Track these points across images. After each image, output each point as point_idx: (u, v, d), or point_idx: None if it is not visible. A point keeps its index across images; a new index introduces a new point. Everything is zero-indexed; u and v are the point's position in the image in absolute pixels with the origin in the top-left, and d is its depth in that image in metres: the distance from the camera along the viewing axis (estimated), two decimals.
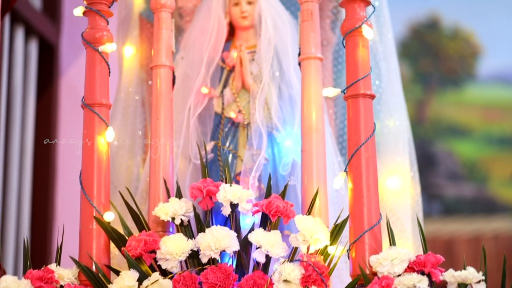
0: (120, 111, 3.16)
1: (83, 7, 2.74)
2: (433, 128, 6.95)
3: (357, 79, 2.60)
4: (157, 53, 2.81)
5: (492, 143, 6.92)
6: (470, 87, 7.03)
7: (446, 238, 6.58)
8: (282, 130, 2.85)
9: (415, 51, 7.09)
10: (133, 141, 3.17)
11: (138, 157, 3.17)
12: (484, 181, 6.85)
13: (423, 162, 6.80)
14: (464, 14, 6.91)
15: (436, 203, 6.81)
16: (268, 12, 2.91)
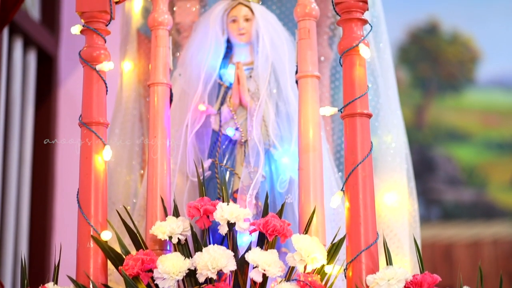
0: (118, 126, 3.17)
1: (80, 26, 2.75)
2: (432, 133, 6.96)
3: (354, 98, 2.60)
4: (154, 71, 2.81)
5: (491, 148, 6.92)
6: (469, 92, 7.03)
7: (445, 242, 6.59)
8: (279, 147, 2.85)
9: (414, 56, 7.08)
10: (131, 156, 3.17)
11: (136, 172, 3.17)
12: (483, 186, 6.86)
13: (422, 167, 6.81)
14: (463, 19, 6.90)
15: (435, 207, 6.81)
16: (266, 29, 2.91)
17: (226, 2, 2.96)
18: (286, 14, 3.21)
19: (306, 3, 2.75)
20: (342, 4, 2.64)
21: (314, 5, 2.75)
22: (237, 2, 2.95)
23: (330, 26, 3.18)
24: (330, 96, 3.16)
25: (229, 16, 2.94)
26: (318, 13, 2.75)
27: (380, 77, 3.11)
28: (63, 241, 2.76)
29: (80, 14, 2.74)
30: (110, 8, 2.74)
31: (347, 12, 2.65)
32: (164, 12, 2.84)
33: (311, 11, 2.75)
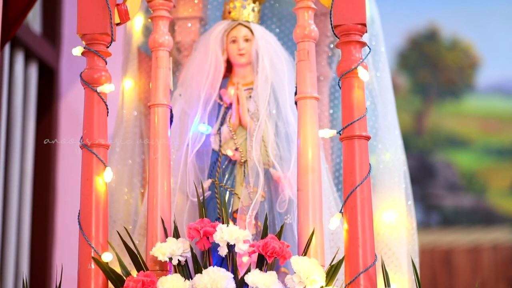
0: (119, 145, 3.19)
1: (81, 47, 2.77)
2: (431, 139, 6.97)
3: (352, 121, 2.63)
4: (154, 92, 2.84)
5: (491, 154, 6.93)
6: (469, 98, 7.04)
7: (444, 248, 6.61)
8: (278, 167, 2.87)
9: (414, 62, 7.09)
10: (131, 174, 3.19)
11: (136, 190, 3.19)
12: (483, 192, 6.87)
13: (422, 173, 6.83)
14: (462, 25, 6.91)
15: (435, 213, 6.83)
16: (265, 50, 2.94)
17: (226, 22, 2.99)
18: (286, 34, 3.24)
19: (305, 25, 2.77)
20: (341, 27, 2.67)
21: (313, 26, 2.77)
22: (237, 22, 2.97)
23: (329, 45, 3.20)
24: (329, 115, 3.18)
25: (229, 36, 2.97)
26: (317, 34, 2.78)
27: (379, 97, 3.13)
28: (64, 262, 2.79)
29: (81, 36, 2.76)
30: (111, 30, 2.77)
31: (345, 34, 2.68)
32: (165, 33, 2.86)
33: (310, 32, 2.76)
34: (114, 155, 3.16)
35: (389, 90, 3.17)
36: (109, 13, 2.75)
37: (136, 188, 3.19)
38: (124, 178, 3.17)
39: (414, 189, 3.27)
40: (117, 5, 2.80)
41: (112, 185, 3.09)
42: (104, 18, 2.75)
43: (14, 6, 3.28)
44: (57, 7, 4.29)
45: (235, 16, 2.99)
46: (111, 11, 2.76)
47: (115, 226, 3.10)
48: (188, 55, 3.14)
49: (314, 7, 2.80)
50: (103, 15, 2.75)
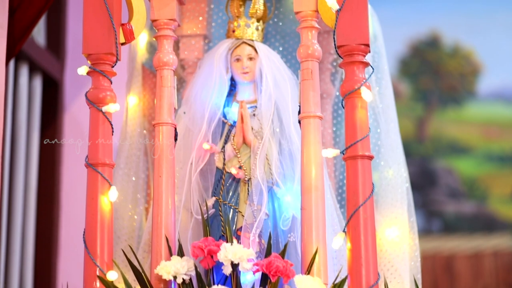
0: (124, 161, 3.21)
1: (87, 67, 2.80)
2: (433, 145, 6.99)
3: (355, 141, 2.66)
4: (159, 111, 2.86)
5: (492, 161, 6.95)
6: (470, 105, 7.06)
7: (446, 254, 6.63)
8: (282, 185, 2.90)
9: (415, 69, 7.11)
10: (136, 190, 3.22)
11: (140, 206, 3.21)
12: (484, 198, 6.89)
13: (423, 179, 6.84)
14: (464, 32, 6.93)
15: (436, 220, 6.85)
16: (269, 68, 2.96)
17: (230, 41, 3.01)
18: (289, 51, 3.26)
19: (309, 44, 2.79)
20: (344, 47, 2.70)
21: (317, 46, 2.79)
22: (241, 41, 3.00)
23: (332, 62, 3.22)
24: (332, 132, 3.21)
25: (233, 55, 2.99)
26: (320, 54, 2.80)
27: (381, 114, 3.15)
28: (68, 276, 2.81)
29: (86, 56, 2.79)
30: (116, 50, 2.79)
31: (349, 55, 2.70)
32: (169, 52, 2.88)
33: (314, 52, 2.78)
34: (118, 171, 3.18)
35: (392, 108, 3.18)
36: (114, 33, 2.78)
37: (141, 204, 3.21)
38: (128, 194, 3.19)
39: (415, 196, 3.29)
40: (122, 24, 2.83)
41: (116, 201, 3.10)
42: (109, 38, 2.78)
43: (19, 22, 3.31)
44: (61, 20, 4.31)
45: (239, 34, 3.01)
46: (116, 31, 2.79)
47: (120, 242, 3.12)
48: (192, 72, 3.16)
49: (317, 26, 2.82)
50: (108, 35, 2.78)
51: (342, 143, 3.18)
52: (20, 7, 3.31)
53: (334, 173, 3.20)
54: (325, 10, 2.76)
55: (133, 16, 2.86)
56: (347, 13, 2.70)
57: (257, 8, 3.02)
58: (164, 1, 2.90)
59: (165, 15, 2.89)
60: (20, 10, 3.31)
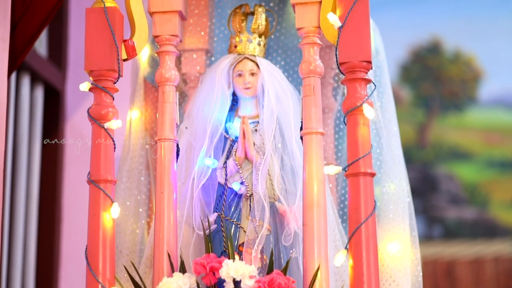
0: (126, 175, 3.21)
1: (89, 83, 2.80)
2: (434, 151, 7.00)
3: (357, 158, 2.66)
4: (161, 126, 2.86)
5: (493, 167, 6.96)
6: (471, 111, 7.06)
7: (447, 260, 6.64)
8: (284, 201, 2.90)
9: (416, 75, 7.12)
10: (137, 204, 3.22)
11: (142, 220, 3.22)
12: (485, 204, 6.90)
13: (424, 185, 6.85)
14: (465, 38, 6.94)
15: (437, 225, 6.86)
16: (271, 84, 2.96)
17: (232, 56, 3.01)
18: (291, 66, 3.26)
19: (311, 61, 2.79)
20: (347, 64, 2.70)
21: (319, 62, 2.79)
22: (243, 56, 2.99)
23: (334, 77, 3.22)
24: (334, 146, 3.20)
25: (235, 70, 2.99)
26: (322, 70, 2.80)
27: (383, 129, 3.15)
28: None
29: (88, 72, 2.79)
30: (118, 66, 2.79)
31: (351, 72, 2.70)
32: (171, 68, 2.89)
33: (316, 68, 2.79)
34: (120, 186, 3.19)
35: (393, 122, 3.18)
36: (116, 49, 2.78)
37: (142, 218, 3.22)
38: (130, 208, 3.19)
39: (416, 202, 3.30)
40: (124, 41, 2.83)
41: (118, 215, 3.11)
42: (111, 55, 2.79)
43: (21, 34, 3.31)
44: (63, 30, 4.31)
45: (241, 50, 3.01)
46: (118, 48, 2.79)
47: (122, 256, 3.12)
48: (194, 87, 3.16)
49: (319, 42, 2.82)
50: (110, 52, 2.79)
51: (344, 158, 3.19)
52: (21, 20, 3.31)
53: (336, 188, 3.20)
54: (327, 27, 2.76)
55: (135, 32, 2.87)
56: (349, 30, 2.70)
57: (259, 23, 3.01)
58: (166, 17, 2.90)
59: (167, 31, 2.89)
60: (22, 23, 3.31)
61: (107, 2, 2.82)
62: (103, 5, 2.80)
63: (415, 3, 6.84)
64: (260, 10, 3.03)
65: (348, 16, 2.71)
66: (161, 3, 2.90)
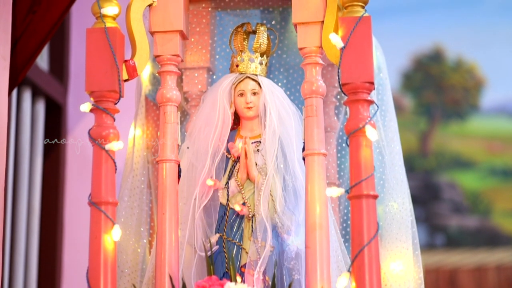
0: (127, 193, 3.20)
1: (90, 104, 2.79)
2: (436, 160, 6.98)
3: (360, 180, 2.64)
4: (162, 147, 2.85)
5: (495, 175, 6.94)
6: (474, 119, 7.04)
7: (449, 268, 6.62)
8: (286, 222, 2.88)
9: (418, 83, 7.10)
10: (139, 223, 3.20)
11: (144, 239, 3.20)
12: (487, 212, 6.88)
13: (426, 194, 6.83)
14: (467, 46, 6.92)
15: (440, 234, 6.84)
16: (273, 103, 2.94)
17: (233, 75, 2.99)
18: (293, 84, 3.24)
19: (313, 81, 2.78)
20: (349, 85, 2.68)
21: (321, 82, 2.78)
22: (245, 75, 2.97)
23: (336, 95, 3.20)
24: (336, 165, 3.18)
25: (236, 89, 2.97)
26: (324, 90, 2.78)
27: (386, 147, 3.13)
28: None
29: (89, 93, 2.78)
30: (119, 87, 2.78)
31: (353, 93, 2.69)
32: (173, 88, 2.87)
33: (318, 88, 2.77)
34: (122, 204, 3.17)
35: (396, 141, 3.16)
36: (117, 70, 2.77)
37: (144, 237, 3.20)
38: (132, 228, 3.18)
39: (418, 210, 3.28)
40: (125, 61, 2.81)
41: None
42: (112, 75, 2.77)
43: (22, 51, 3.30)
44: (65, 44, 4.30)
45: (243, 69, 2.99)
46: (119, 68, 2.77)
47: (123, 276, 3.11)
48: (196, 105, 3.15)
49: (322, 63, 2.81)
50: (111, 72, 2.77)
51: (346, 177, 3.17)
52: (22, 37, 3.30)
53: (339, 207, 3.18)
54: (330, 47, 2.74)
55: (136, 52, 2.85)
56: (351, 50, 2.68)
57: (261, 42, 2.99)
58: (167, 37, 2.89)
59: (168, 51, 2.88)
60: (23, 40, 3.30)
61: (108, 22, 2.80)
62: (103, 26, 2.79)
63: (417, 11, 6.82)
64: (262, 29, 3.01)
65: (350, 36, 2.69)
66: (162, 23, 2.89)
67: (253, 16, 3.26)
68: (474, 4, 6.86)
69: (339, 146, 3.21)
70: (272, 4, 3.24)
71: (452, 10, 6.83)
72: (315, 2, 2.80)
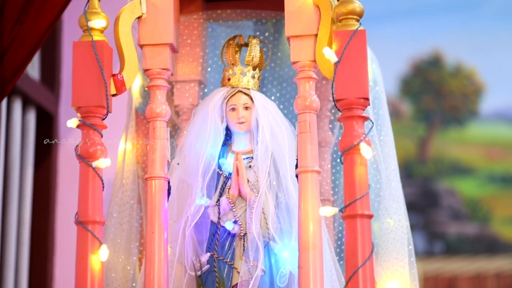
0: (117, 209, 3.12)
1: (76, 120, 2.71)
2: (435, 166, 6.90)
3: (354, 199, 2.57)
4: (151, 164, 2.77)
5: (495, 182, 6.87)
6: (473, 125, 6.97)
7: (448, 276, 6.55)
8: (279, 241, 2.81)
9: (417, 89, 7.03)
10: (129, 240, 3.13)
11: (134, 257, 3.12)
12: (487, 219, 6.81)
13: (425, 200, 6.76)
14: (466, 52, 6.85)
15: (438, 241, 6.77)
16: (266, 118, 2.86)
17: (225, 89, 2.91)
18: (287, 98, 3.16)
19: (306, 96, 2.70)
20: (343, 101, 2.61)
21: (315, 97, 2.70)
22: (237, 89, 2.90)
23: (331, 109, 3.12)
24: (331, 181, 3.11)
25: (228, 104, 2.89)
26: (318, 105, 2.71)
27: (382, 163, 3.05)
28: None
29: (76, 109, 2.70)
30: (107, 102, 2.70)
31: (348, 109, 2.61)
32: (162, 103, 2.80)
33: (311, 103, 2.69)
34: (111, 220, 3.10)
35: (392, 156, 3.08)
36: (104, 85, 2.69)
37: (134, 255, 3.12)
38: (121, 244, 3.10)
39: (417, 217, 3.22)
40: (113, 75, 2.74)
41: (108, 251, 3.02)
42: (100, 90, 2.69)
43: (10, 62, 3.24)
44: (56, 53, 4.22)
45: (235, 83, 2.91)
46: (107, 83, 2.70)
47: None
48: (187, 119, 3.07)
49: (315, 77, 2.73)
50: (98, 87, 2.69)
51: (341, 193, 3.09)
52: (10, 48, 3.24)
53: (333, 224, 3.11)
54: (323, 61, 2.66)
55: (125, 66, 2.77)
56: (346, 65, 2.61)
57: (253, 55, 2.91)
58: (156, 50, 2.81)
59: (157, 64, 2.80)
60: (11, 51, 3.24)
61: (95, 36, 2.72)
62: (91, 39, 2.71)
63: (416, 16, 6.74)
64: (254, 42, 2.93)
65: (344, 51, 2.61)
66: (152, 36, 2.81)
67: (246, 27, 3.18)
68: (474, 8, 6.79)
69: (334, 162, 3.13)
70: (265, 15, 3.16)
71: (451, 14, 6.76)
72: (308, 15, 2.72)
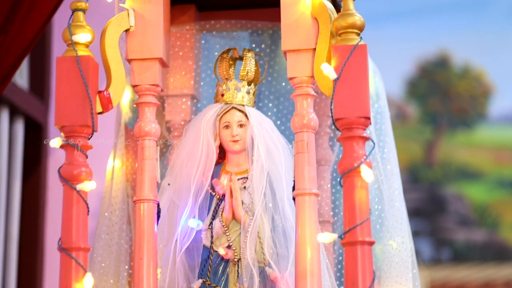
0: (105, 230, 2.98)
1: (60, 139, 2.56)
2: (442, 170, 6.74)
3: (354, 225, 2.41)
4: (140, 186, 2.62)
5: (504, 187, 6.70)
6: (481, 128, 6.80)
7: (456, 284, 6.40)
8: (275, 266, 2.65)
9: (424, 90, 6.86)
10: (118, 263, 2.98)
11: (123, 280, 2.98)
12: (495, 226, 6.65)
13: (432, 206, 6.60)
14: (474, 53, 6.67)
15: (446, 248, 6.61)
16: (261, 137, 2.70)
17: (218, 105, 2.76)
18: (284, 113, 3.01)
19: (304, 114, 2.54)
20: (343, 120, 2.45)
21: (313, 115, 2.54)
22: (230, 106, 2.74)
23: (330, 126, 2.97)
24: (331, 202, 2.95)
25: (221, 121, 2.73)
26: (317, 123, 2.55)
27: (385, 182, 2.89)
28: None
29: (59, 128, 2.55)
30: (92, 121, 2.55)
31: (347, 129, 2.46)
32: (151, 121, 2.64)
33: (309, 122, 2.54)
34: (99, 242, 2.95)
35: (396, 174, 2.93)
36: (89, 103, 2.54)
37: (123, 278, 2.98)
38: (110, 267, 2.96)
39: (424, 223, 3.07)
40: (99, 92, 2.58)
41: (96, 275, 2.88)
42: (84, 109, 2.54)
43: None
44: (45, 61, 4.08)
45: (228, 99, 2.75)
46: (92, 101, 2.54)
47: None
48: (179, 135, 2.91)
49: (313, 94, 2.57)
50: (83, 105, 2.54)
51: (341, 215, 2.93)
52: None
53: (333, 247, 2.96)
54: (322, 77, 2.50)
55: (112, 82, 2.61)
56: (345, 82, 2.45)
57: (248, 70, 2.75)
58: (145, 65, 2.65)
59: (146, 80, 2.64)
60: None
61: (80, 50, 2.56)
62: (75, 54, 2.55)
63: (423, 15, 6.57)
64: (249, 55, 2.77)
65: (344, 67, 2.45)
66: (140, 50, 2.65)
67: (241, 38, 3.02)
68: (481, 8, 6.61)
69: (334, 181, 2.97)
70: (261, 26, 3.00)
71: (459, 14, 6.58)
72: (306, 28, 2.56)
